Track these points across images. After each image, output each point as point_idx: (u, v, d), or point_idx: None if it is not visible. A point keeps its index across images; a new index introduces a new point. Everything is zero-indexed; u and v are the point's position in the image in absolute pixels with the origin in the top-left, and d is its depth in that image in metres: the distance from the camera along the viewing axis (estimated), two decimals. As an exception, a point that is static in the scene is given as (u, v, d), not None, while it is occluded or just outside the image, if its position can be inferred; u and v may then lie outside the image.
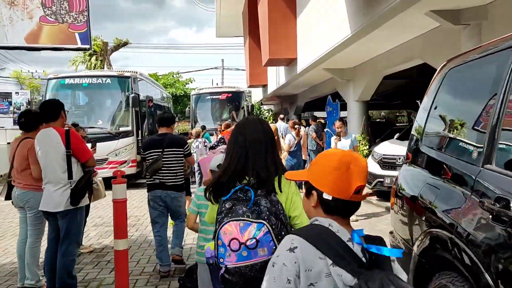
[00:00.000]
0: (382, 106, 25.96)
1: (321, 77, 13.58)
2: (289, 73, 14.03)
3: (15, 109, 21.73)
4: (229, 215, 1.85)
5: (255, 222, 1.81)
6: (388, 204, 8.52)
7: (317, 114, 27.90)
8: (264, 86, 21.11)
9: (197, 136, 12.47)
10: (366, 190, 4.79)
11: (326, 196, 1.38)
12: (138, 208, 9.31)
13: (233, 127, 2.53)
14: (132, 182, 12.64)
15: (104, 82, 12.71)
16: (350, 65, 11.28)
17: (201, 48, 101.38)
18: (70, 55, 24.81)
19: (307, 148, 13.21)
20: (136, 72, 13.82)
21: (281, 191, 1.98)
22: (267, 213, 1.84)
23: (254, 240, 1.78)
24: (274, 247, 1.77)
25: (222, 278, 1.84)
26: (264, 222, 1.81)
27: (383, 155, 8.87)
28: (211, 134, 14.81)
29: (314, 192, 1.43)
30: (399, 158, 8.47)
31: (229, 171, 2.01)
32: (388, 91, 14.85)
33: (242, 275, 1.80)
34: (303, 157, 11.69)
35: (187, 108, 21.53)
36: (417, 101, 7.58)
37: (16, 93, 22.81)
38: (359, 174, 1.37)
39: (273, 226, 1.83)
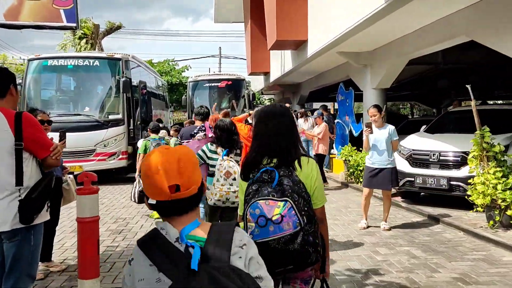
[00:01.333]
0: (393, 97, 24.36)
1: (333, 63, 12.29)
2: (297, 58, 12.74)
3: None
4: (256, 196, 2.05)
5: (280, 200, 2.01)
6: (425, 209, 7.23)
7: (317, 105, 26.71)
8: (266, 74, 19.79)
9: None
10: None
11: (150, 201, 1.39)
12: (127, 209, 8.04)
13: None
14: (122, 176, 11.36)
15: (92, 64, 11.36)
16: (369, 47, 10.01)
17: (198, 35, 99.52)
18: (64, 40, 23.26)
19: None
20: (129, 55, 12.48)
21: (301, 171, 2.16)
22: (290, 191, 2.03)
23: (280, 215, 1.98)
24: (297, 221, 1.99)
25: None
26: (287, 199, 2.01)
27: (413, 150, 7.63)
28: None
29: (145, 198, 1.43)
30: (433, 155, 7.25)
31: (255, 153, 2.19)
32: (405, 79, 13.55)
33: (270, 249, 1.96)
34: (321, 151, 10.45)
35: (183, 97, 20.19)
36: (467, 86, 6.28)
37: (-1, 78, 21.15)
38: (167, 174, 1.34)
39: (296, 203, 2.01)
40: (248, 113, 6.32)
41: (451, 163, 7.08)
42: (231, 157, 4.18)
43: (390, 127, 6.16)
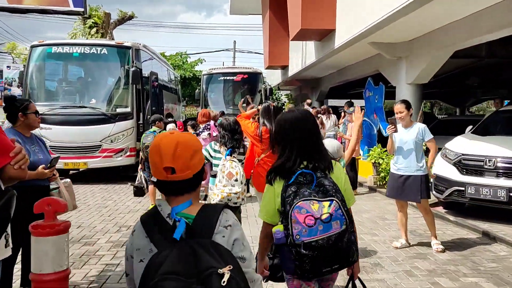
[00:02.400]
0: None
1: (362, 55, 11.22)
2: (321, 50, 11.70)
3: (6, 85, 19.53)
4: (297, 197, 2.08)
5: (325, 200, 2.07)
6: (478, 224, 6.07)
7: (332, 102, 25.64)
8: (284, 68, 18.77)
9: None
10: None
11: (153, 178, 1.55)
12: (133, 214, 7.13)
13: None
14: (129, 174, 10.47)
15: (99, 52, 10.46)
16: (407, 37, 8.94)
17: (212, 28, 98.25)
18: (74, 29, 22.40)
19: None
20: (139, 44, 11.55)
21: (333, 173, 2.27)
22: (334, 191, 2.11)
23: (328, 214, 2.05)
24: (344, 220, 2.09)
25: (298, 254, 2.06)
26: (334, 198, 2.09)
27: (463, 154, 6.57)
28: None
29: None
30: (489, 161, 6.19)
31: (290, 158, 2.23)
32: (444, 74, 12.33)
33: (319, 248, 2.04)
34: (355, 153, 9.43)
35: (196, 90, 19.27)
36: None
37: (7, 67, 20.50)
38: (165, 156, 1.47)
39: (341, 202, 2.10)
40: (256, 108, 5.37)
41: (511, 171, 6.03)
42: (234, 156, 4.20)
43: (420, 126, 5.16)
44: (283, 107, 14.18)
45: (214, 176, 4.16)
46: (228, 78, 17.21)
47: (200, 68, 31.23)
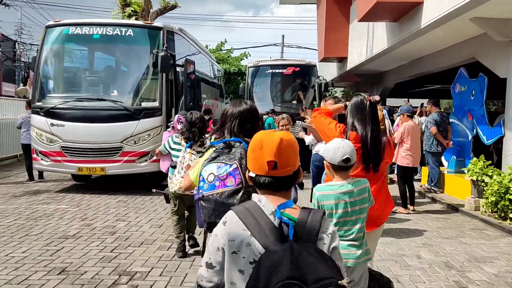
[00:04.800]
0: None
1: (455, 37, 8.65)
2: (398, 33, 9.28)
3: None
4: (212, 160, 2.39)
5: (228, 164, 2.34)
6: None
7: (390, 102, 22.82)
8: (341, 61, 16.37)
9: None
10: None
11: (250, 174, 1.58)
12: (145, 248, 5.09)
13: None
14: (156, 184, 8.50)
15: (124, 34, 8.56)
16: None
17: (258, 23, 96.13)
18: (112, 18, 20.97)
19: (424, 148, 8.56)
20: (173, 27, 9.62)
21: None
22: (239, 156, 2.35)
23: (225, 173, 2.32)
24: (240, 179, 2.29)
25: (199, 205, 2.39)
26: (235, 161, 2.33)
27: None
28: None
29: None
30: None
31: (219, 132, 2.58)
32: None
33: (214, 201, 2.31)
34: (407, 162, 7.12)
35: (241, 85, 17.27)
36: None
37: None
38: (269, 150, 1.50)
39: (242, 166, 2.30)
40: (343, 103, 3.82)
41: None
42: (193, 149, 4.57)
43: None
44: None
45: (174, 167, 4.63)
46: (277, 71, 15.04)
47: (245, 62, 29.30)
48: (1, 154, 12.88)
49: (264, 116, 10.04)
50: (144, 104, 8.48)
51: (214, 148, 2.46)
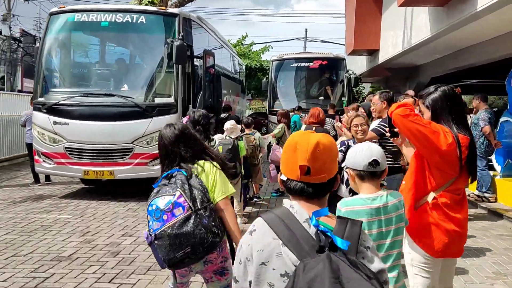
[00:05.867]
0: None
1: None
2: (446, 19, 8.12)
3: None
4: (156, 196, 2.36)
5: (172, 194, 2.31)
6: None
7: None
8: (372, 54, 15.20)
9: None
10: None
11: (282, 177, 1.42)
12: (152, 278, 4.13)
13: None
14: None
15: (135, 21, 7.64)
16: None
17: (280, 16, 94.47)
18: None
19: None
20: (190, 14, 8.66)
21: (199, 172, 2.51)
22: (180, 183, 2.34)
23: (170, 204, 2.26)
24: (188, 205, 2.27)
25: (153, 247, 2.30)
26: (177, 189, 2.31)
27: None
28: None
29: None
30: None
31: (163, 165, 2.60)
32: None
33: (167, 236, 2.23)
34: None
35: (264, 80, 16.26)
36: None
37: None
38: (302, 154, 1.35)
39: (185, 191, 2.31)
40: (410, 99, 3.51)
41: None
42: None
43: None
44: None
45: None
46: (302, 64, 14.02)
47: (267, 57, 28.26)
48: (14, 152, 12.21)
49: (290, 113, 9.02)
50: (157, 100, 7.55)
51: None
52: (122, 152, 7.30)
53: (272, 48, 28.12)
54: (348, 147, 3.63)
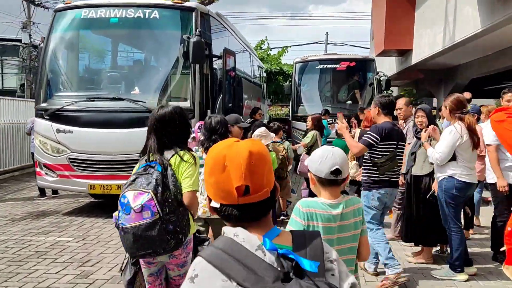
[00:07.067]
0: None
1: None
2: (503, 10, 7.07)
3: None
4: (130, 186, 2.36)
5: (145, 192, 2.29)
6: None
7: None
8: (403, 54, 14.13)
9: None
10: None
11: (213, 204, 1.14)
12: None
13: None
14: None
15: (148, 16, 6.80)
16: None
17: (298, 19, 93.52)
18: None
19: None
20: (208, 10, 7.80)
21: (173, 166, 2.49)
22: (155, 184, 2.32)
23: (140, 206, 2.27)
24: (156, 210, 2.28)
25: (120, 233, 2.35)
26: (150, 191, 2.29)
27: None
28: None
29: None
30: None
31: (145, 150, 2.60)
32: None
33: (132, 234, 2.27)
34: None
35: (287, 83, 15.34)
36: None
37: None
38: (235, 172, 1.07)
39: (158, 194, 2.30)
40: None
41: None
42: None
43: None
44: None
45: None
46: (328, 66, 13.04)
47: (286, 60, 27.33)
48: (26, 161, 11.51)
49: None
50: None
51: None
52: (132, 163, 6.41)
53: (290, 48, 27.18)
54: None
